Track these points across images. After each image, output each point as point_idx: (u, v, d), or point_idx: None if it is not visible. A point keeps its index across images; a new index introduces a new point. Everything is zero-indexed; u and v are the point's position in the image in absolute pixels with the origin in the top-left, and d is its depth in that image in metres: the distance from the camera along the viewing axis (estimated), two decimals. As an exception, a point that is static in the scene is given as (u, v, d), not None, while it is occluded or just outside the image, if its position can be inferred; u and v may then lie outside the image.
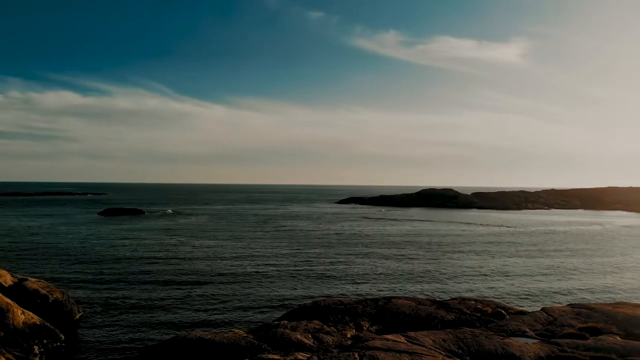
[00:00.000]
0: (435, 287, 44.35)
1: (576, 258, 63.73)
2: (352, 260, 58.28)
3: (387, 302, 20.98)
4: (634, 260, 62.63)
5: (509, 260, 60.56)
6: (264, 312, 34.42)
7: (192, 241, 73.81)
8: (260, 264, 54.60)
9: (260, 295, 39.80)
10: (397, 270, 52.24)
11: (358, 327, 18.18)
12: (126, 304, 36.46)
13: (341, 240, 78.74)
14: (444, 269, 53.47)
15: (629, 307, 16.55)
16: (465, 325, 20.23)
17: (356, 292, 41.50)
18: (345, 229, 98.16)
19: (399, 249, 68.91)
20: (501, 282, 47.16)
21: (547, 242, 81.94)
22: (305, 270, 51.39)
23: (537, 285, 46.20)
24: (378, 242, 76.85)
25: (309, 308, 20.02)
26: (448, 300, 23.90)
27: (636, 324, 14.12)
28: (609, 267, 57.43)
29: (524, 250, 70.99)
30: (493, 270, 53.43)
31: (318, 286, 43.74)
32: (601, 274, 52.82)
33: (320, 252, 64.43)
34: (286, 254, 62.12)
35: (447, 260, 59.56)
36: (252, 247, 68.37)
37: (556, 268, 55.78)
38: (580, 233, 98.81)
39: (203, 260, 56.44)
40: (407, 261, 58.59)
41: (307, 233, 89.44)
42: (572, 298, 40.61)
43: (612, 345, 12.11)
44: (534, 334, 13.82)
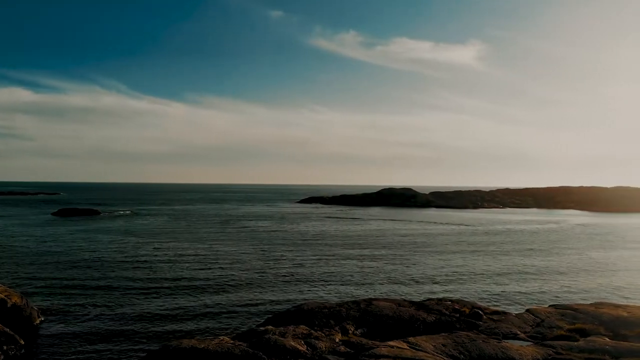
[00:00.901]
0: (406, 287, 44.59)
1: (536, 257, 65.54)
2: (320, 261, 58.08)
3: (369, 304, 20.86)
4: (589, 259, 64.96)
5: (471, 259, 61.69)
6: (239, 317, 33.62)
7: (152, 243, 71.91)
8: (226, 266, 53.53)
9: (232, 299, 38.80)
10: (366, 271, 52.36)
11: (344, 331, 17.97)
12: (87, 310, 35.00)
13: (306, 241, 78.49)
14: (411, 269, 53.94)
15: (610, 307, 16.99)
16: (446, 327, 20.35)
17: (329, 294, 41.25)
18: (309, 229, 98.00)
19: (365, 249, 69.20)
20: (466, 281, 47.88)
21: (506, 241, 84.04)
22: (274, 272, 50.73)
23: (501, 283, 47.17)
24: (343, 242, 76.97)
25: (292, 312, 19.68)
26: (425, 301, 24.02)
27: (621, 324, 14.48)
28: (568, 266, 59.30)
29: (485, 249, 72.54)
30: (457, 270, 54.24)
31: (289, 288, 43.22)
32: (561, 273, 54.44)
33: (287, 253, 63.94)
34: (252, 256, 61.29)
35: (413, 260, 60.14)
36: (216, 249, 67.08)
37: (517, 267, 57.14)
38: (537, 232, 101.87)
39: (165, 263, 54.63)
40: (373, 261, 58.85)
41: (271, 233, 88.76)
42: (536, 297, 41.72)
43: (603, 346, 12.35)
44: (526, 336, 13.96)
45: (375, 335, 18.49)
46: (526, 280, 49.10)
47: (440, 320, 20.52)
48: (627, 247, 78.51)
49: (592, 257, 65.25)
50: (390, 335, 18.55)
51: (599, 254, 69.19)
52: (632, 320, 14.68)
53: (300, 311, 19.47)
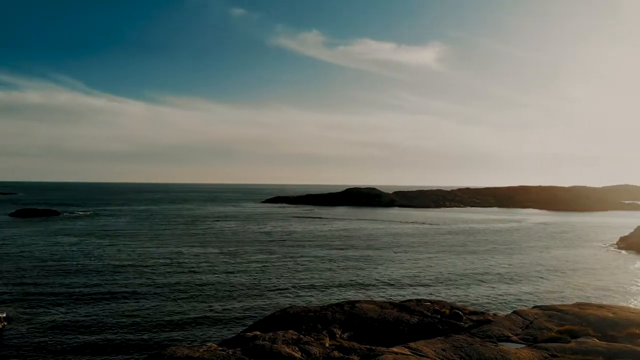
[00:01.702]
0: (379, 287, 44.70)
1: (502, 256, 66.96)
2: (289, 262, 57.66)
3: (352, 307, 20.81)
4: (553, 258, 66.84)
5: (439, 259, 62.48)
6: (219, 323, 32.79)
7: (116, 245, 69.92)
8: (195, 270, 52.13)
9: (207, 304, 37.63)
10: (337, 271, 52.26)
11: (331, 335, 17.83)
12: (52, 317, 33.61)
13: (274, 241, 77.97)
14: (381, 269, 54.15)
15: (594, 308, 17.44)
16: (429, 328, 20.50)
17: (304, 296, 40.93)
18: (277, 229, 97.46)
19: (334, 249, 69.17)
20: (438, 281, 48.36)
21: (471, 240, 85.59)
22: (244, 275, 49.92)
23: (470, 283, 47.89)
24: (312, 242, 76.79)
25: (277, 317, 19.40)
26: (405, 302, 24.15)
27: (608, 325, 14.85)
28: (533, 265, 60.79)
29: (452, 248, 73.67)
30: (427, 270, 54.76)
31: (263, 292, 42.56)
32: (527, 272, 55.71)
33: (255, 255, 63.22)
34: (220, 258, 60.26)
35: (383, 260, 60.44)
36: (183, 251, 65.51)
37: (484, 266, 58.17)
38: (500, 230, 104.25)
39: (132, 267, 52.55)
40: (344, 261, 58.79)
41: (238, 234, 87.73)
42: (507, 296, 42.64)
43: (595, 348, 12.62)
44: (518, 339, 14.14)
45: (362, 338, 18.45)
46: (495, 280, 50.01)
47: (423, 321, 20.64)
48: (587, 245, 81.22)
49: (556, 257, 67.11)
50: (377, 338, 18.55)
51: (562, 252, 71.28)
52: (618, 321, 15.09)
53: (285, 315, 19.20)
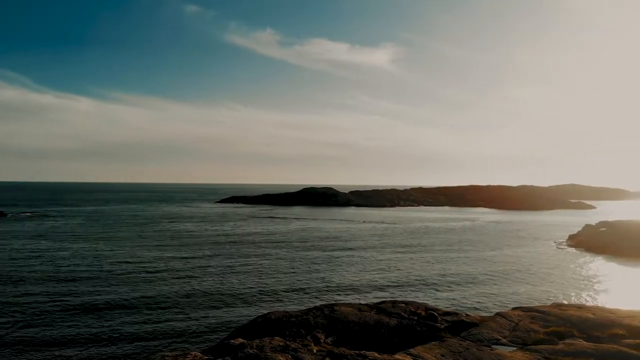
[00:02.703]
0: (348, 288, 44.75)
1: (460, 254, 68.50)
2: (253, 264, 56.98)
3: (332, 311, 20.74)
4: (508, 256, 68.96)
5: (400, 259, 63.32)
6: (190, 329, 32.20)
7: (69, 249, 67.09)
8: (155, 274, 50.38)
9: (174, 311, 36.58)
10: (302, 273, 52.01)
11: (315, 340, 17.68)
12: (7, 332, 31.98)
13: (233, 242, 76.93)
14: (344, 269, 54.20)
15: (574, 308, 18.00)
16: (409, 330, 20.68)
17: (273, 300, 40.55)
18: (235, 230, 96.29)
19: (296, 250, 68.90)
20: (401, 279, 48.95)
21: (428, 238, 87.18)
22: (208, 278, 48.84)
23: (433, 281, 48.69)
24: (272, 243, 76.25)
25: (260, 323, 19.08)
26: (380, 304, 24.30)
27: (591, 326, 15.33)
28: (490, 262, 62.50)
29: (410, 247, 74.83)
30: (391, 269, 55.30)
31: (229, 296, 41.82)
32: (484, 269, 57.22)
33: (216, 256, 62.10)
34: (180, 261, 58.73)
35: (345, 260, 60.58)
36: (140, 254, 63.17)
37: (443, 265, 59.37)
38: (454, 229, 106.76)
39: (86, 273, 49.80)
40: (307, 262, 58.61)
41: (195, 236, 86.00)
42: (463, 293, 43.67)
43: (585, 349, 12.99)
44: (507, 341, 14.41)
45: (346, 342, 18.41)
46: (457, 279, 50.98)
47: (402, 323, 20.81)
48: (539, 244, 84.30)
49: (512, 255, 69.22)
50: (360, 342, 18.58)
51: (517, 251, 73.61)
52: (600, 321, 15.62)
53: (268, 321, 18.93)
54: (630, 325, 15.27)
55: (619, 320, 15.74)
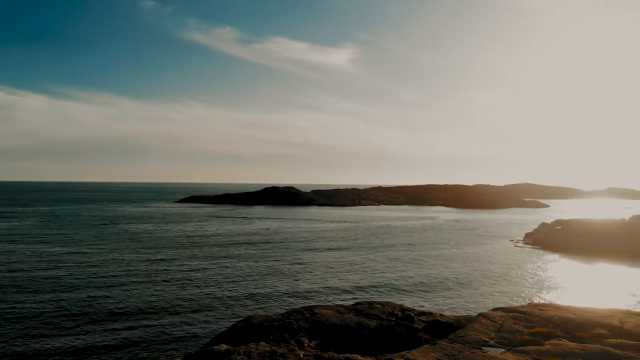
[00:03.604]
0: (318, 288, 44.63)
1: (425, 251, 69.52)
2: (217, 265, 56.10)
3: (313, 313, 20.63)
4: (469, 254, 70.49)
5: (365, 257, 63.75)
6: (162, 336, 31.48)
7: (22, 251, 64.54)
8: (118, 278, 49.04)
9: (141, 317, 35.72)
10: (271, 274, 51.58)
11: (300, 345, 17.55)
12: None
13: (196, 243, 75.61)
14: (315, 269, 54.10)
15: (553, 309, 18.48)
16: (389, 332, 20.82)
17: (242, 303, 39.98)
18: (197, 231, 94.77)
19: (261, 250, 68.32)
20: (370, 279, 49.26)
21: (391, 237, 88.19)
22: (173, 281, 47.81)
23: (402, 280, 49.22)
24: (236, 243, 75.41)
25: (242, 328, 18.75)
26: (357, 305, 24.36)
27: (573, 326, 15.77)
28: (451, 260, 63.67)
29: (375, 246, 75.46)
30: (357, 268, 55.52)
31: (197, 300, 41.17)
32: (447, 267, 58.26)
33: (179, 258, 60.76)
34: (142, 264, 57.29)
35: (311, 260, 60.46)
36: (100, 256, 60.93)
37: (407, 263, 60.16)
38: (415, 227, 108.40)
39: (44, 279, 48.01)
40: (273, 262, 58.21)
41: (156, 237, 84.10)
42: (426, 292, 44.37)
43: (572, 350, 13.34)
44: (495, 343, 14.68)
45: (329, 345, 18.37)
46: (424, 278, 51.71)
47: (382, 325, 20.94)
48: (497, 242, 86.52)
49: (473, 253, 70.77)
50: (343, 345, 18.57)
51: (477, 249, 75.29)
52: (581, 321, 16.10)
53: (250, 326, 18.63)
54: (611, 324, 15.82)
55: (600, 320, 16.28)
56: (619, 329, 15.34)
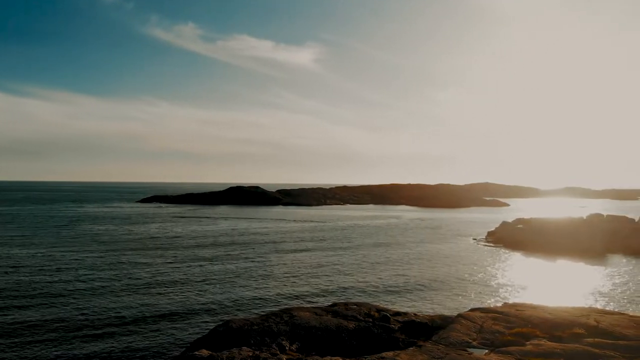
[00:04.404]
0: (291, 289, 44.43)
1: (392, 251, 70.17)
2: (183, 267, 55.05)
3: (291, 316, 20.52)
4: (435, 252, 71.61)
5: (333, 256, 63.91)
6: (136, 340, 30.70)
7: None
8: (79, 280, 47.57)
9: (110, 322, 34.95)
10: (239, 274, 51.04)
11: (281, 348, 17.43)
12: None
13: (161, 245, 74.12)
14: (285, 269, 53.78)
15: (530, 309, 18.92)
16: (367, 333, 20.94)
17: (215, 306, 39.44)
18: (160, 231, 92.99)
19: (228, 251, 67.58)
20: (341, 279, 49.36)
21: (358, 236, 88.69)
22: (135, 283, 46.70)
23: (372, 279, 49.52)
24: (201, 245, 74.31)
25: (222, 332, 18.45)
26: (333, 306, 24.41)
27: (551, 326, 16.18)
28: (417, 259, 64.53)
29: (342, 245, 75.75)
30: (326, 267, 55.58)
31: (156, 299, 40.46)
32: (414, 266, 58.98)
33: (143, 260, 59.44)
34: (105, 266, 55.76)
35: (280, 260, 60.24)
36: (60, 259, 58.75)
37: (376, 262, 60.60)
38: (381, 226, 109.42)
39: (4, 283, 46.87)
40: (242, 263, 57.64)
41: (118, 237, 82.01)
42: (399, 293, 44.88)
43: (553, 350, 13.70)
44: (478, 344, 14.93)
45: (310, 348, 18.31)
46: (393, 277, 52.16)
47: (360, 326, 21.04)
48: (462, 240, 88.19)
49: (438, 251, 71.88)
50: (324, 348, 18.55)
51: (442, 247, 76.53)
52: (558, 321, 16.56)
53: (230, 330, 18.38)
54: (588, 324, 16.34)
55: (576, 320, 16.79)
56: (595, 328, 15.88)
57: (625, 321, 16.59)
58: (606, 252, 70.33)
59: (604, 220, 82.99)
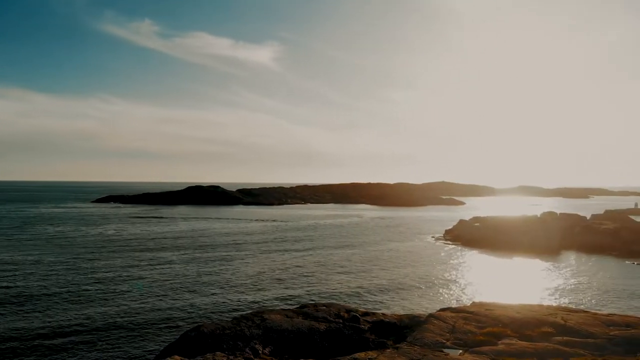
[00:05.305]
0: (252, 291, 44.03)
1: (354, 250, 70.62)
2: (144, 270, 53.92)
3: (263, 319, 20.34)
4: (395, 250, 72.52)
5: (296, 256, 63.82)
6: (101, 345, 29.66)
7: None
8: (35, 286, 45.88)
9: (72, 327, 33.81)
10: (201, 277, 50.08)
11: (254, 352, 17.24)
12: None
13: (119, 247, 72.07)
14: (250, 270, 53.28)
15: (499, 308, 19.33)
16: (338, 334, 20.99)
17: (170, 310, 38.77)
18: (118, 233, 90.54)
19: (189, 252, 66.48)
20: (307, 279, 49.29)
21: (322, 235, 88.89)
22: (92, 287, 45.52)
23: (335, 280, 49.74)
24: (160, 246, 72.71)
25: (194, 338, 18.09)
26: (303, 307, 24.35)
27: (521, 325, 16.61)
28: (380, 259, 65.20)
29: (305, 244, 75.76)
30: (289, 267, 55.43)
31: (118, 305, 39.40)
32: (378, 264, 59.60)
33: (102, 265, 57.80)
34: (62, 270, 53.75)
35: (246, 260, 59.73)
36: (11, 264, 56.70)
37: (340, 261, 60.85)
38: (343, 225, 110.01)
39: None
40: (201, 265, 56.80)
41: (74, 240, 79.26)
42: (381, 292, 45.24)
43: (525, 349, 14.07)
44: (452, 344, 15.17)
45: (283, 351, 18.20)
46: (356, 278, 52.50)
47: (331, 328, 21.09)
48: (420, 238, 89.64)
49: (399, 250, 72.85)
50: (297, 350, 18.49)
51: (404, 245, 77.62)
52: (527, 320, 17.03)
53: (201, 335, 18.04)
54: (556, 323, 16.87)
55: (545, 319, 17.31)
56: (563, 327, 16.42)
57: (590, 319, 17.25)
58: (560, 249, 72.92)
59: (558, 218, 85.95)
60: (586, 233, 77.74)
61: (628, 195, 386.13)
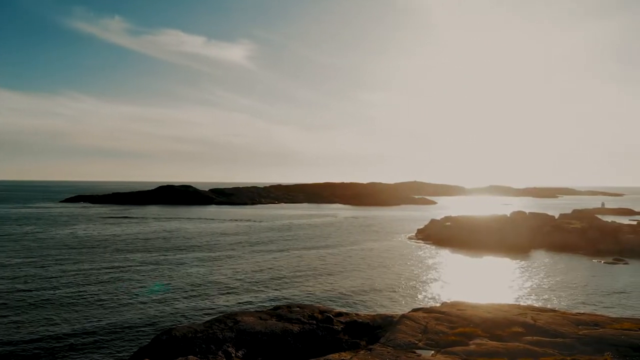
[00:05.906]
0: (225, 293, 43.65)
1: (330, 249, 70.74)
2: (114, 272, 52.98)
3: (235, 322, 20.14)
4: (370, 250, 72.91)
5: (269, 256, 63.60)
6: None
7: None
8: (1, 288, 45.08)
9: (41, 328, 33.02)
10: (173, 278, 49.61)
11: (227, 356, 17.05)
12: None
13: (89, 248, 70.59)
14: (222, 271, 52.81)
15: (470, 308, 19.54)
16: (312, 335, 20.92)
17: (141, 314, 38.15)
18: (87, 234, 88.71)
19: (161, 253, 65.61)
20: (277, 280, 49.18)
21: (296, 236, 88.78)
22: (61, 290, 44.48)
23: (310, 280, 49.74)
24: (133, 246, 71.68)
25: (165, 341, 17.76)
26: (277, 309, 24.22)
27: (492, 325, 16.79)
28: (356, 257, 65.45)
29: (279, 244, 75.52)
30: (264, 268, 55.23)
31: (88, 309, 38.60)
32: (351, 263, 59.81)
33: (70, 265, 56.60)
34: (31, 272, 52.54)
35: (219, 261, 59.19)
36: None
37: (314, 261, 60.92)
38: (318, 225, 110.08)
39: None
40: (176, 265, 56.15)
41: (42, 241, 77.37)
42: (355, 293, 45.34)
43: (496, 349, 14.24)
44: (424, 345, 15.25)
45: (256, 354, 18.06)
46: (330, 278, 52.57)
47: (305, 329, 21.03)
48: (393, 238, 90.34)
49: (373, 249, 73.27)
50: (270, 353, 18.36)
51: (376, 245, 78.09)
52: (498, 320, 17.23)
53: (173, 339, 17.73)
54: (526, 322, 17.15)
55: (515, 319, 17.58)
56: (533, 326, 16.71)
57: (559, 319, 17.59)
58: (530, 248, 74.36)
59: (527, 217, 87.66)
60: (555, 232, 79.45)
61: (595, 195, 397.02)
